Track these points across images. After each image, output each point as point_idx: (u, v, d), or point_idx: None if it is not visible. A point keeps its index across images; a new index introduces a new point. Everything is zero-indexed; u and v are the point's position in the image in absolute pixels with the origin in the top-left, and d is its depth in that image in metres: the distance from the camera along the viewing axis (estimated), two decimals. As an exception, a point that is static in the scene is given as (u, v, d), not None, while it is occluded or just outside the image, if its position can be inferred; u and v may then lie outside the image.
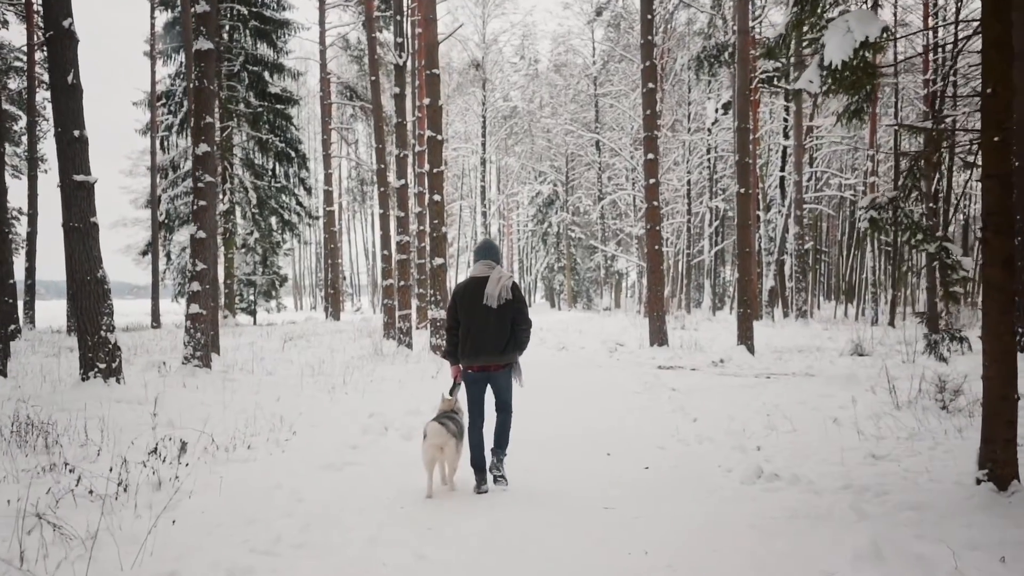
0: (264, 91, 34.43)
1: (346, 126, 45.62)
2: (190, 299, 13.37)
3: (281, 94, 35.20)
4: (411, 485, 6.86)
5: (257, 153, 35.42)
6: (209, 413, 9.68)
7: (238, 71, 33.73)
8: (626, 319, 37.64)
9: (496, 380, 6.89)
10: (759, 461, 7.24)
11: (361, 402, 11.15)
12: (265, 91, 34.45)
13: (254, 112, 34.11)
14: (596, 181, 49.09)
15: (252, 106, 33.99)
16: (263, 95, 34.45)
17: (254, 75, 34.05)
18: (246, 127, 34.57)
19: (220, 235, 34.69)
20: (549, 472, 7.42)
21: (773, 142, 39.64)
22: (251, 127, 34.53)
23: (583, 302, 58.20)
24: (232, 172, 34.26)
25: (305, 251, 75.05)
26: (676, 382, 13.96)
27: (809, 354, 19.46)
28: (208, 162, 13.51)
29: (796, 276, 33.33)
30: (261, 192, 34.87)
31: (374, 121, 22.09)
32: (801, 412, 9.81)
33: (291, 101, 35.91)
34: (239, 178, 34.42)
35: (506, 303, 6.70)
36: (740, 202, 18.92)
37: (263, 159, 35.65)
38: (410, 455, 7.94)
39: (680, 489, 6.64)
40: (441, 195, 17.02)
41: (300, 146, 36.72)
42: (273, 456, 7.63)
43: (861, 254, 48.52)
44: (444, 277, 17.23)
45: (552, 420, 10.14)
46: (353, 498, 6.40)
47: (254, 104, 34.03)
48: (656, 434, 9.19)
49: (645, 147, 20.85)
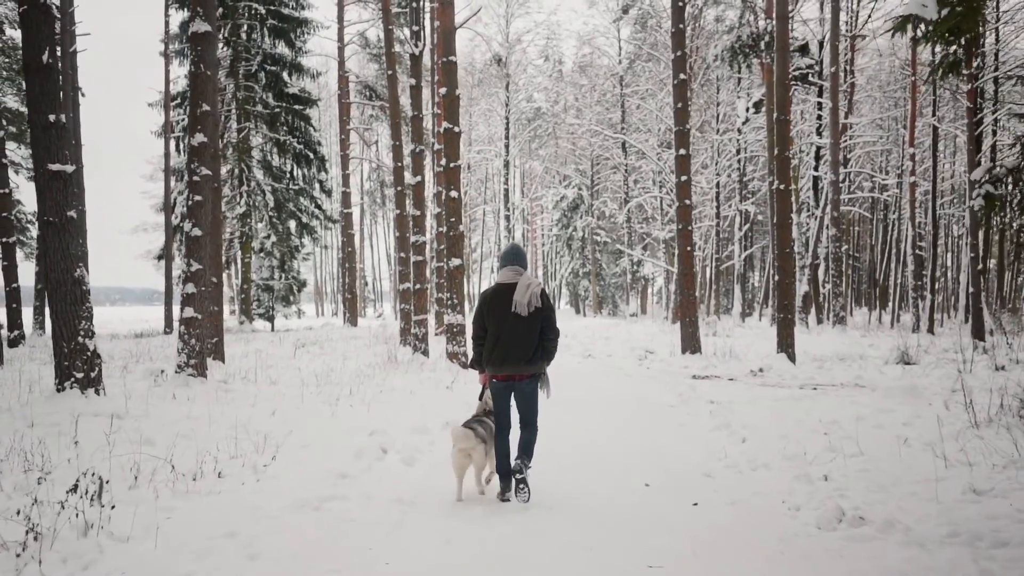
0: (282, 91, 33.56)
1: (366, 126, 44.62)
2: (184, 302, 12.30)
3: (299, 94, 34.29)
4: (406, 529, 5.68)
5: (275, 155, 34.62)
6: (192, 429, 8.59)
7: (255, 71, 32.92)
8: (654, 325, 36.40)
9: (521, 390, 6.60)
10: (831, 495, 6.00)
11: (366, 417, 10.01)
12: (283, 91, 33.58)
13: (272, 113, 33.27)
14: (622, 184, 47.86)
15: (270, 107, 33.15)
16: (281, 95, 33.58)
17: (271, 75, 33.20)
18: (263, 128, 33.76)
19: (237, 239, 34.00)
20: (574, 508, 6.24)
21: (804, 143, 38.27)
22: (269, 128, 33.70)
23: (609, 308, 56.96)
24: (250, 175, 33.42)
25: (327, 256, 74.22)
26: (714, 393, 12.74)
27: (852, 363, 18.31)
28: (205, 153, 12.45)
29: (833, 280, 31.86)
30: (279, 195, 33.97)
31: (391, 117, 21.05)
32: (863, 431, 8.55)
33: (309, 102, 35.00)
34: (256, 181, 33.54)
35: (535, 311, 6.44)
36: (779, 199, 17.66)
37: (281, 161, 34.84)
38: (411, 486, 6.83)
39: (742, 537, 5.40)
40: (458, 191, 15.89)
41: (319, 148, 35.78)
42: (245, 486, 6.46)
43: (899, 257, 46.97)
44: (461, 279, 16.09)
45: (577, 439, 8.96)
46: (323, 554, 5.10)
47: (272, 105, 33.19)
48: (699, 457, 7.99)
49: (676, 142, 19.64)
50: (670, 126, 37.78)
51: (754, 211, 43.13)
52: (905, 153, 40.85)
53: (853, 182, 42.28)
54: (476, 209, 65.11)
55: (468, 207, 63.59)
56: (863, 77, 42.78)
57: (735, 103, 39.50)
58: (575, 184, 53.83)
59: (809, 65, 34.30)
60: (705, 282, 46.44)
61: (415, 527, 5.73)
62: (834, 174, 30.48)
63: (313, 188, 35.67)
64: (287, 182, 34.33)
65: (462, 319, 16.15)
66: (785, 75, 17.57)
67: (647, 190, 44.69)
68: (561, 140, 55.00)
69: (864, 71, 43.36)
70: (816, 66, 34.56)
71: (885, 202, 49.46)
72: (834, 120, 30.21)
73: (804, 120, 38.36)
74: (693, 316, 20.01)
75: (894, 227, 48.19)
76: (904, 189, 41.57)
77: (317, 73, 36.92)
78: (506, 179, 54.91)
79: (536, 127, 56.39)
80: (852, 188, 41.81)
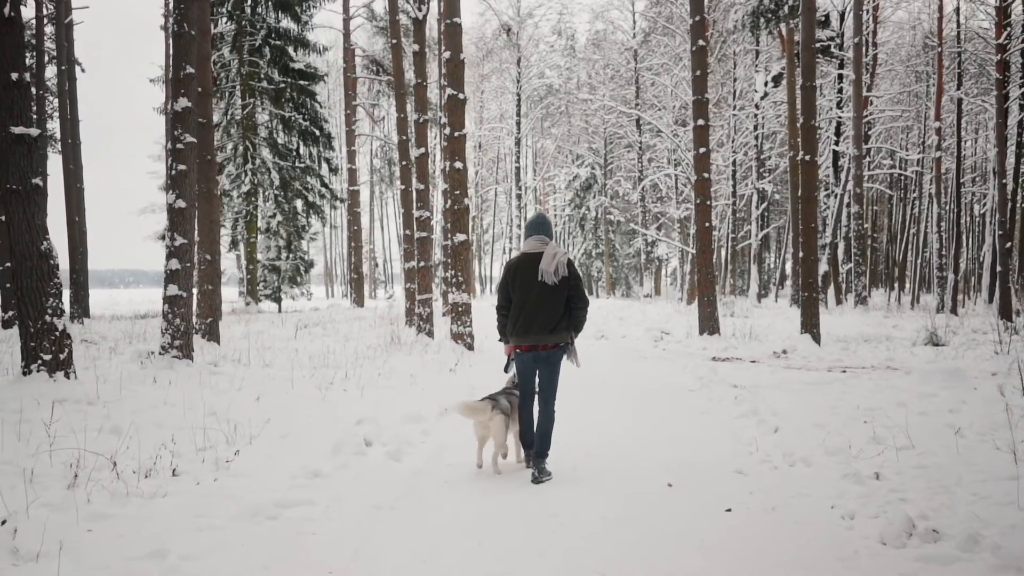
0: (287, 66, 32.67)
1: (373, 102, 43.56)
2: (168, 279, 11.45)
3: (305, 70, 33.39)
4: (377, 546, 4.69)
5: (280, 132, 33.75)
6: (165, 417, 7.78)
7: (260, 45, 32.04)
8: (669, 306, 35.49)
9: (545, 360, 6.46)
10: (889, 498, 5.09)
11: (359, 402, 9.18)
12: (288, 66, 32.69)
13: (276, 88, 32.42)
14: (636, 163, 46.76)
15: (275, 82, 32.29)
16: (286, 70, 32.70)
17: (276, 49, 32.28)
18: (269, 105, 32.90)
19: (242, 218, 33.19)
20: (585, 517, 5.29)
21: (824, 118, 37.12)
22: (274, 104, 32.86)
23: (622, 289, 56.02)
24: (255, 152, 32.58)
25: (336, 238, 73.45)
26: (737, 377, 11.86)
27: (878, 344, 17.50)
28: (189, 119, 11.56)
29: (855, 259, 30.79)
30: (285, 173, 33.13)
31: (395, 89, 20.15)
32: (907, 419, 7.63)
33: (315, 77, 34.09)
34: (262, 158, 32.70)
35: (562, 280, 6.34)
36: (805, 170, 16.67)
37: (286, 138, 34.01)
38: (393, 486, 5.94)
39: (790, 555, 4.42)
40: (463, 162, 14.97)
41: (325, 125, 34.89)
42: (199, 487, 5.54)
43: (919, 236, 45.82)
44: (467, 256, 15.20)
45: (590, 430, 8.07)
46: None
47: (276, 80, 32.34)
48: (727, 449, 7.10)
49: (694, 112, 18.66)
50: (686, 102, 36.78)
51: (771, 190, 42.04)
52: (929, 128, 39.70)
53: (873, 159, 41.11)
54: (488, 189, 64.16)
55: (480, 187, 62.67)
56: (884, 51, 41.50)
57: (752, 78, 38.37)
58: (588, 163, 52.79)
59: (830, 37, 33.07)
60: (720, 263, 45.40)
61: (389, 543, 4.77)
62: (857, 149, 29.39)
63: (320, 167, 34.85)
64: (293, 160, 33.50)
65: (468, 298, 15.28)
66: (811, 39, 16.55)
67: (661, 168, 43.64)
68: (574, 118, 53.92)
69: (886, 44, 42.10)
70: (837, 38, 33.35)
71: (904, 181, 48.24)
72: (857, 92, 29.10)
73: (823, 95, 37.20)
74: (711, 295, 19.09)
75: (914, 205, 46.99)
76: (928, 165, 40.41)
77: (323, 48, 35.96)
78: (518, 158, 53.95)
79: (548, 104, 55.27)
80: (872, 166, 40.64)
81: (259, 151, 32.78)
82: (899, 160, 44.78)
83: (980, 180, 47.89)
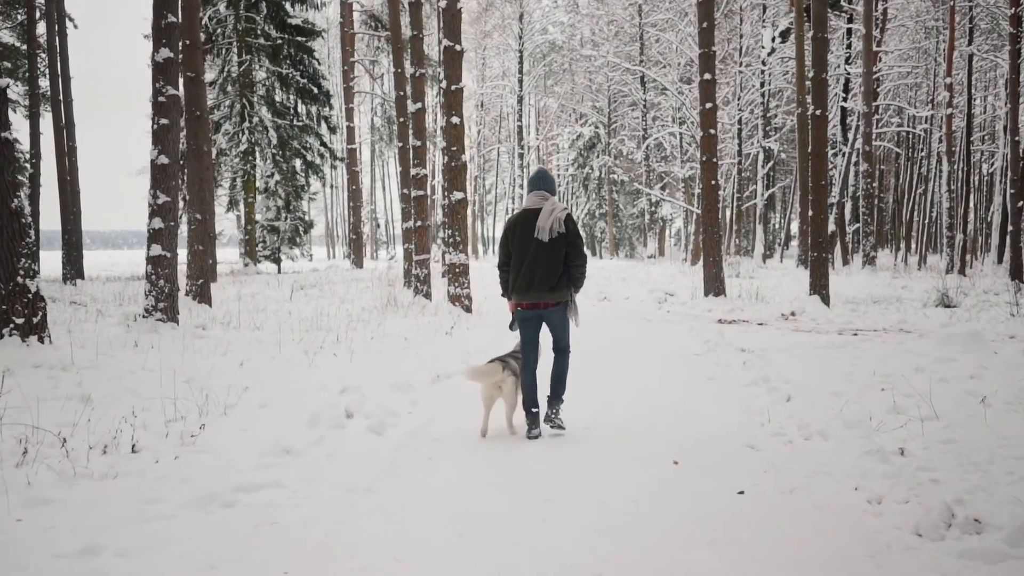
0: (284, 22, 31.87)
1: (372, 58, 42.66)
2: (151, 239, 10.96)
3: (303, 26, 32.57)
4: (345, 539, 4.11)
5: (278, 90, 33.03)
6: (140, 384, 7.35)
7: (256, 1, 31.18)
8: (673, 267, 35.00)
9: (550, 318, 6.43)
10: (919, 478, 4.62)
11: (346, 368, 8.73)
12: (285, 22, 31.88)
13: (274, 45, 31.68)
14: (640, 121, 45.96)
15: (272, 38, 31.52)
16: (283, 26, 31.90)
17: (273, 4, 31.52)
18: (266, 62, 32.17)
19: (240, 178, 32.58)
20: (582, 500, 4.76)
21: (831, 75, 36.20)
22: (271, 61, 32.14)
23: (626, 250, 55.45)
24: (252, 111, 31.90)
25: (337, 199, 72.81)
26: (745, 340, 11.39)
27: (888, 305, 17.09)
28: (171, 71, 10.99)
29: (864, 218, 30.16)
30: (283, 131, 32.47)
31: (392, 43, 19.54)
32: (927, 386, 7.18)
33: (313, 33, 33.32)
34: (259, 117, 32.03)
35: (559, 236, 6.21)
36: (815, 125, 16.08)
37: (284, 96, 33.33)
38: (372, 466, 5.40)
39: (813, 548, 3.89)
40: (460, 117, 14.39)
41: (324, 82, 34.16)
42: (158, 465, 5.01)
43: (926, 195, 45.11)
44: (464, 214, 14.69)
45: (590, 398, 7.59)
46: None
47: (274, 37, 31.57)
48: (736, 421, 6.65)
49: (701, 65, 18.03)
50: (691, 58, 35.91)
51: (777, 149, 41.31)
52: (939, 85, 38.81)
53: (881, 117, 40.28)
54: (491, 149, 63.42)
55: (483, 146, 61.89)
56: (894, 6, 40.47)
57: (759, 34, 37.53)
58: (591, 122, 51.96)
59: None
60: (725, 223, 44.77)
61: (359, 535, 4.17)
62: (867, 105, 28.64)
63: (319, 126, 34.19)
64: (291, 118, 32.85)
65: (465, 259, 14.79)
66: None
67: (666, 127, 42.86)
68: (577, 76, 53.03)
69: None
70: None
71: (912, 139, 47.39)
72: (867, 47, 28.30)
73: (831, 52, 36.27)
74: (717, 256, 18.59)
75: (922, 164, 46.21)
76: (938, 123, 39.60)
77: (321, 2, 35.17)
78: (520, 116, 53.14)
79: (551, 62, 54.33)
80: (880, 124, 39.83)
81: (256, 109, 32.11)
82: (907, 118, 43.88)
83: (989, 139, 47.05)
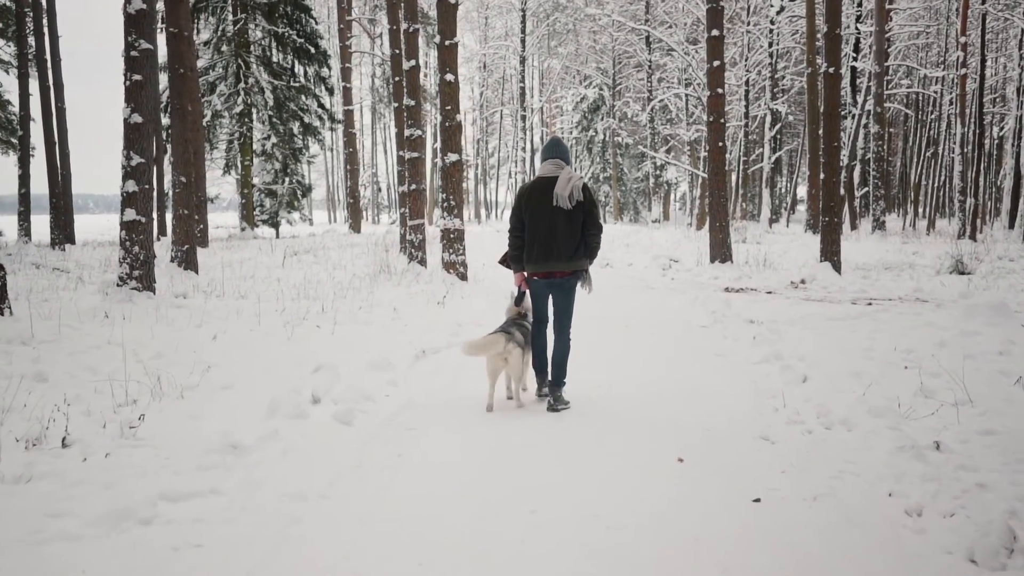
0: (280, -23, 30.95)
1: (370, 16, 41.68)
2: (125, 202, 10.32)
3: (299, -18, 31.65)
4: (286, 565, 3.39)
5: (274, 50, 32.18)
6: (103, 361, 6.80)
7: (251, -44, 30.28)
8: (678, 232, 34.29)
9: (560, 286, 6.29)
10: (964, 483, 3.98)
11: (328, 340, 8.17)
12: (281, -23, 30.96)
13: (269, 2, 30.78)
14: (645, 82, 45.00)
15: (267, -5, 30.60)
16: (279, -18, 30.98)
17: (267, -41, 30.54)
18: (262, 20, 31.27)
19: (236, 140, 31.83)
20: (571, 513, 3.99)
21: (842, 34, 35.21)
22: (267, 19, 31.23)
23: (630, 215, 54.68)
24: (248, 72, 31.05)
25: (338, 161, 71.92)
26: (754, 311, 10.79)
27: (901, 272, 16.54)
28: (143, 23, 10.29)
29: (874, 182, 29.38)
30: (279, 93, 31.65)
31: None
32: (954, 364, 6.58)
33: (309, -10, 32.41)
34: (255, 78, 31.19)
35: (578, 205, 6.12)
36: (829, 84, 15.33)
37: (281, 57, 32.45)
38: (331, 466, 4.65)
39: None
40: (455, 74, 13.65)
41: (321, 42, 33.28)
42: (84, 465, 4.30)
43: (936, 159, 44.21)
44: (459, 178, 14.00)
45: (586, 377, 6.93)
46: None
47: (269, -8, 30.64)
48: (748, 405, 6.04)
49: (708, 21, 17.25)
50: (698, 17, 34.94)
51: (784, 111, 40.39)
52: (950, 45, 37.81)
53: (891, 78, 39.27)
54: (494, 111, 62.44)
55: (485, 108, 60.88)
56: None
57: (769, -9, 36.44)
58: (596, 84, 50.94)
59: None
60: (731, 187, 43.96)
61: (297, 569, 3.38)
62: (878, 65, 27.74)
63: (317, 87, 33.36)
64: (288, 79, 32.00)
65: (460, 224, 14.13)
66: (839, -63, 15.06)
67: (672, 88, 41.92)
68: (581, 37, 51.94)
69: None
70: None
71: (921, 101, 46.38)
72: (879, 5, 27.35)
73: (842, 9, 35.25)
74: (723, 220, 17.92)
75: (932, 126, 45.25)
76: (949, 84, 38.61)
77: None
78: (523, 77, 52.11)
79: (554, 21, 53.17)
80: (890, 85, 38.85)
81: (252, 70, 31.27)
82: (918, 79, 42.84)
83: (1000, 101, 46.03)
